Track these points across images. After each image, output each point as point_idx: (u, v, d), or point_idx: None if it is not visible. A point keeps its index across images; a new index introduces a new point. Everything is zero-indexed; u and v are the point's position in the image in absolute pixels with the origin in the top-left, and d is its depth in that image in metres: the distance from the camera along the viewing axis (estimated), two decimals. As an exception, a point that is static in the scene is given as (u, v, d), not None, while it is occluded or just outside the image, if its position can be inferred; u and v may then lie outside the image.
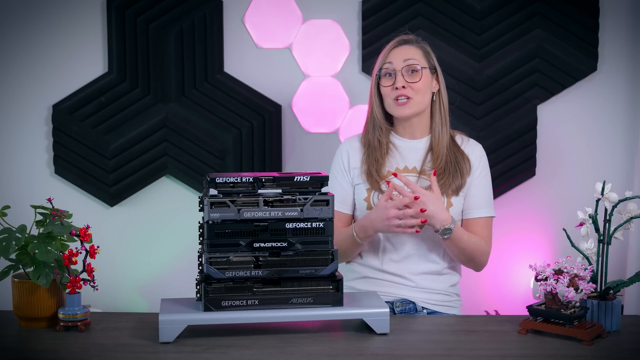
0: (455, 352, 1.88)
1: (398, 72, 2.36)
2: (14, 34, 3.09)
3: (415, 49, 2.40)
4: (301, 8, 3.10)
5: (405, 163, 2.40)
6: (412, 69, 2.36)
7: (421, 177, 2.37)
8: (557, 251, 3.11)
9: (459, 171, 2.36)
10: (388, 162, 2.41)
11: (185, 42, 3.09)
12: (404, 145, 2.43)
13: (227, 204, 1.95)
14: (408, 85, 2.35)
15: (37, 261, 2.03)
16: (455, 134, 2.45)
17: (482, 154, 2.43)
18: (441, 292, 2.39)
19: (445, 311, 2.39)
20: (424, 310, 2.37)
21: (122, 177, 3.13)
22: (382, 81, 2.39)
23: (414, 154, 2.41)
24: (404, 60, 2.36)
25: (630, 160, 3.10)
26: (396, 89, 2.35)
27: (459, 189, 2.36)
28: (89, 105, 3.10)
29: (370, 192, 2.38)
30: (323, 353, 1.86)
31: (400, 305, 2.36)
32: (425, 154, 2.41)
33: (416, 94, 2.36)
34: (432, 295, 2.38)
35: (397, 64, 2.36)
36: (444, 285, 2.39)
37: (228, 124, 3.11)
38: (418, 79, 2.36)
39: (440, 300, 2.38)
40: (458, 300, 2.45)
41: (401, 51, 2.39)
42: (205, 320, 1.93)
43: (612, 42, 3.09)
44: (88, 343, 1.94)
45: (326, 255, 1.98)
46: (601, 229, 2.11)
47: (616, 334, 2.03)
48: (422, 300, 2.37)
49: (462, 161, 2.38)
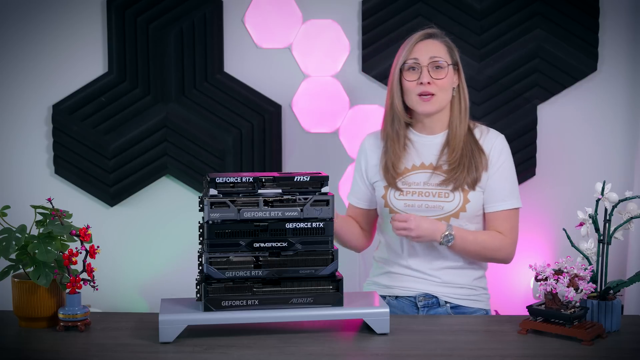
0: (455, 352, 1.88)
1: (424, 67, 2.34)
2: (14, 34, 3.09)
3: (440, 44, 2.38)
4: (301, 8, 3.10)
5: (422, 159, 2.41)
6: (438, 65, 2.34)
7: (434, 173, 2.37)
8: (557, 251, 3.11)
9: (474, 165, 2.35)
10: (404, 158, 2.41)
11: (185, 42, 3.09)
12: (420, 140, 2.43)
13: (227, 204, 1.95)
14: (433, 81, 2.34)
15: (37, 261, 2.03)
16: (475, 126, 2.43)
17: (503, 145, 2.40)
18: (465, 286, 2.39)
19: (471, 305, 2.39)
20: (447, 304, 2.37)
21: (122, 177, 3.13)
22: (406, 75, 2.37)
23: (430, 149, 2.41)
24: (429, 56, 2.34)
25: (630, 160, 3.10)
26: (421, 84, 2.34)
27: (475, 183, 2.35)
28: (89, 105, 3.10)
29: (387, 190, 2.39)
30: (323, 353, 1.86)
31: (423, 299, 2.37)
32: (441, 149, 2.40)
33: (440, 91, 2.35)
34: (455, 289, 2.38)
35: (423, 59, 2.34)
36: (468, 279, 2.39)
37: (228, 124, 3.11)
38: (443, 75, 2.34)
39: (464, 294, 2.39)
40: (485, 294, 2.44)
41: (426, 46, 2.36)
42: (205, 320, 1.93)
43: (612, 42, 3.09)
44: (88, 343, 1.94)
45: (326, 255, 1.98)
46: (601, 229, 2.11)
47: (616, 334, 2.03)
48: (446, 294, 2.38)
49: (478, 155, 2.36)
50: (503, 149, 2.40)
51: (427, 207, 2.35)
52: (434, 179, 2.36)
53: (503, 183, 2.38)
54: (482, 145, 2.39)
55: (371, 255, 2.60)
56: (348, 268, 3.04)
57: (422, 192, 2.36)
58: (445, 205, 2.34)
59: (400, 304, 2.40)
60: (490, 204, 2.38)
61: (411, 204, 2.36)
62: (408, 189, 2.37)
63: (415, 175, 2.39)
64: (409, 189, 2.37)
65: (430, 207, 2.34)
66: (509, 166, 2.40)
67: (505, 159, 2.39)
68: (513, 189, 2.40)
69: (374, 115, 3.10)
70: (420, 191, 2.36)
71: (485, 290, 2.45)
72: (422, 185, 2.36)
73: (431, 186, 2.36)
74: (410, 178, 2.39)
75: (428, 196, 2.35)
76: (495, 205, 2.38)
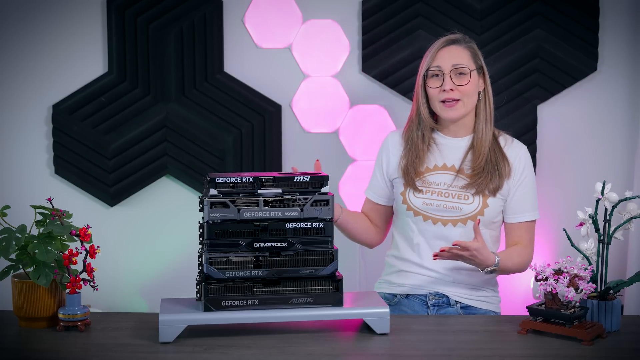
0: (455, 352, 1.88)
1: (446, 74, 2.34)
2: (14, 34, 3.09)
3: (463, 49, 2.38)
4: (301, 8, 3.10)
5: (444, 161, 2.41)
6: (461, 72, 2.34)
7: (458, 176, 2.38)
8: (557, 251, 3.11)
9: (497, 172, 2.36)
10: (427, 158, 2.41)
11: (185, 42, 3.09)
12: (445, 142, 2.43)
13: (227, 204, 1.95)
14: (456, 88, 2.34)
15: (37, 261, 2.03)
16: (500, 134, 2.44)
17: (527, 157, 2.42)
18: (476, 286, 2.39)
19: (481, 306, 2.40)
20: (457, 304, 2.37)
21: (122, 177, 3.13)
22: (429, 82, 2.37)
23: (455, 152, 2.41)
24: (452, 63, 2.34)
25: (630, 160, 3.10)
26: (444, 91, 2.34)
27: (496, 190, 2.36)
28: (89, 105, 3.10)
29: (407, 187, 2.39)
30: (323, 353, 1.86)
31: (433, 298, 2.37)
32: (466, 152, 2.40)
33: (464, 96, 2.35)
34: (466, 290, 2.38)
35: (446, 66, 2.35)
36: (479, 279, 2.39)
37: (228, 124, 3.11)
38: (467, 81, 2.35)
39: (475, 295, 2.39)
40: (496, 297, 2.45)
41: (449, 52, 2.36)
42: (205, 320, 1.93)
43: (612, 42, 3.09)
44: (88, 343, 1.94)
45: (326, 255, 1.98)
46: (601, 229, 2.11)
47: (616, 334, 2.03)
48: (457, 294, 2.38)
49: (502, 163, 2.37)
50: (528, 160, 2.42)
51: (445, 208, 2.35)
52: (457, 182, 2.37)
53: (527, 195, 2.40)
54: (506, 154, 2.40)
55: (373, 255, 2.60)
56: (348, 268, 3.04)
57: (442, 192, 2.36)
58: (464, 208, 2.34)
59: (411, 303, 2.40)
60: (515, 214, 2.40)
61: (430, 203, 2.36)
62: (428, 188, 2.38)
63: (436, 175, 2.39)
64: (429, 188, 2.37)
65: (449, 207, 2.35)
66: (532, 178, 2.43)
67: (530, 171, 2.42)
68: (535, 200, 2.43)
69: (374, 115, 3.10)
70: (441, 191, 2.36)
71: (496, 293, 2.46)
72: (444, 186, 2.37)
73: (454, 189, 2.36)
74: (431, 178, 2.39)
75: (448, 197, 2.36)
76: (519, 216, 2.40)
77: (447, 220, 2.36)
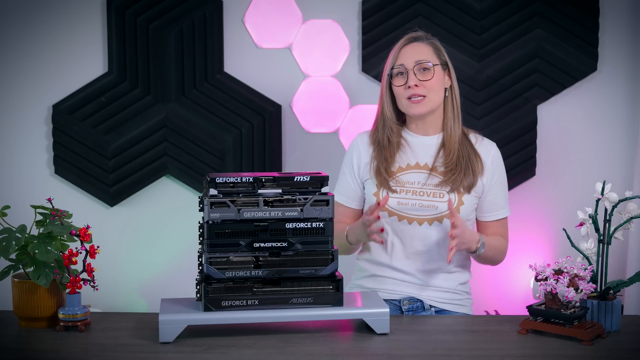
0: (455, 352, 1.88)
1: (410, 71, 2.35)
2: (14, 34, 3.09)
3: (426, 45, 2.39)
4: (301, 8, 3.10)
5: (417, 159, 2.40)
6: (424, 67, 2.35)
7: (432, 174, 2.37)
8: (557, 251, 3.11)
9: (471, 168, 2.36)
10: (399, 157, 2.41)
11: (185, 42, 3.09)
12: (415, 141, 2.43)
13: (227, 204, 1.95)
14: (421, 83, 2.34)
15: (37, 261, 2.03)
16: (469, 132, 2.45)
17: (498, 155, 2.44)
18: (450, 290, 2.39)
19: (455, 310, 2.39)
20: (431, 308, 2.37)
21: (122, 177, 3.13)
22: (394, 81, 2.38)
23: (426, 150, 2.41)
24: (415, 60, 2.35)
25: (630, 160, 3.10)
26: (409, 87, 2.35)
27: (471, 187, 2.36)
28: (89, 105, 3.10)
29: (380, 188, 2.39)
30: (323, 353, 1.86)
31: (407, 303, 2.36)
32: (438, 150, 2.40)
33: (429, 92, 2.35)
34: (440, 293, 2.38)
35: (409, 63, 2.36)
36: (453, 283, 2.39)
37: (228, 124, 3.11)
38: (430, 76, 2.35)
39: (449, 298, 2.38)
40: (469, 299, 2.45)
41: (412, 49, 2.38)
42: (205, 320, 1.93)
43: (612, 42, 3.09)
44: (88, 343, 1.94)
45: (326, 255, 1.98)
46: (601, 229, 2.11)
47: (616, 334, 2.03)
48: (430, 298, 2.37)
49: (474, 159, 2.38)
50: (499, 158, 2.44)
51: (421, 207, 2.34)
52: (431, 180, 2.36)
53: (501, 193, 2.43)
54: (477, 150, 2.40)
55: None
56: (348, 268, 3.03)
57: (416, 191, 2.35)
58: (439, 205, 2.34)
59: None
60: (490, 213, 2.42)
61: (405, 202, 2.35)
62: (402, 187, 2.37)
63: (409, 174, 2.38)
64: (403, 187, 2.36)
65: (425, 206, 2.34)
66: (504, 176, 2.45)
67: (502, 169, 2.44)
68: (507, 197, 2.47)
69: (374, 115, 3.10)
70: (415, 190, 2.36)
71: (469, 295, 2.45)
72: (418, 185, 2.36)
73: (429, 187, 2.36)
74: (404, 177, 2.38)
75: (423, 195, 2.35)
76: (495, 214, 2.43)
77: (422, 219, 2.35)
